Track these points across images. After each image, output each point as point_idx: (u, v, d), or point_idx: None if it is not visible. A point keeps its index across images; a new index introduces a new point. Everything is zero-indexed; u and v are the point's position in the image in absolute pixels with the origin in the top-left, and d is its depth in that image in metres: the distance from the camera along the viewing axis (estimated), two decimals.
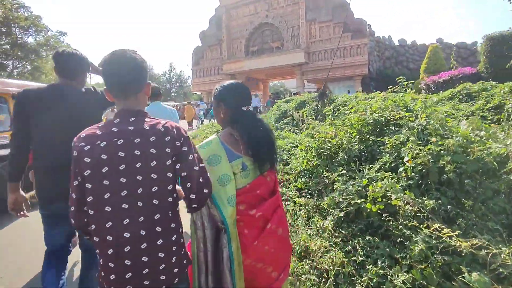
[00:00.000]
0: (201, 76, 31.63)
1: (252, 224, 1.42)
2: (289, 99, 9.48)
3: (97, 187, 1.05)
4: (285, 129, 7.34)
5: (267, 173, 1.53)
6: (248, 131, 1.44)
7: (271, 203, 1.50)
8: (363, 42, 23.23)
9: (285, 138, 4.79)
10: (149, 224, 1.09)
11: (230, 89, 1.57)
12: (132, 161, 1.07)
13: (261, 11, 27.85)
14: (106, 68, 1.13)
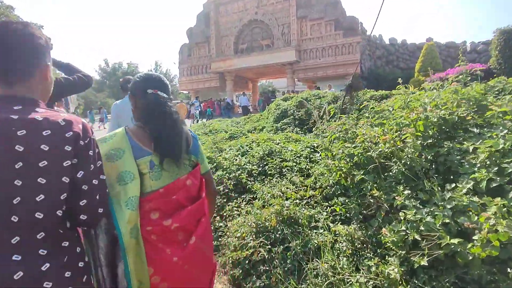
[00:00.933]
0: (188, 74, 30.55)
1: (168, 237, 1.17)
2: (287, 97, 8.73)
3: None
4: (286, 129, 6.59)
5: (187, 175, 1.27)
6: (149, 113, 1.21)
7: (192, 212, 1.24)
8: (355, 40, 22.80)
9: (297, 141, 4.02)
10: (28, 246, 0.82)
11: (138, 77, 1.34)
12: (9, 160, 0.79)
13: (250, 8, 27.05)
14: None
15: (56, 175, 0.84)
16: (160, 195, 1.17)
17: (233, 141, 4.98)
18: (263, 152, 3.42)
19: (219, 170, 3.43)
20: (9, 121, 0.80)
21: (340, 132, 2.51)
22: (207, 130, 7.61)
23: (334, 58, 23.60)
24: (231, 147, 4.04)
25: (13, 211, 0.80)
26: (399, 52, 28.96)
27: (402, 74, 26.78)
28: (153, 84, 1.27)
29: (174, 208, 1.20)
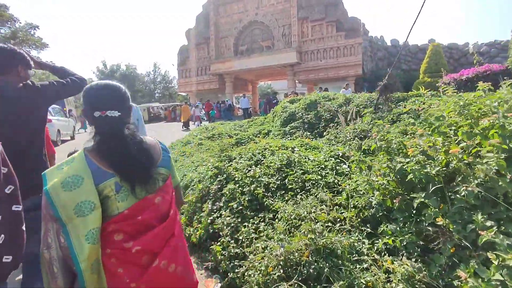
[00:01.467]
0: (187, 76, 30.16)
1: (128, 260, 1.04)
2: (294, 99, 8.31)
3: None
4: (295, 133, 6.17)
5: (157, 193, 1.13)
6: (102, 147, 1.07)
7: (158, 233, 1.11)
8: (357, 41, 22.47)
9: (314, 149, 3.59)
10: None
11: (86, 91, 1.17)
12: None
13: (250, 9, 26.71)
14: None
15: None
16: (123, 217, 1.05)
17: (241, 147, 4.55)
18: (280, 162, 2.99)
19: (230, 182, 3.00)
20: None
21: (382, 142, 2.08)
22: (210, 134, 7.19)
23: (336, 59, 23.27)
24: (241, 155, 3.62)
25: None
26: (401, 53, 28.68)
27: (405, 76, 26.55)
28: (101, 103, 1.11)
29: (139, 229, 1.08)
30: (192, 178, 3.61)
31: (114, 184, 1.05)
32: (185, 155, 5.57)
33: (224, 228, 2.49)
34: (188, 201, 3.17)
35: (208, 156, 4.60)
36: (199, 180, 3.32)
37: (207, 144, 5.81)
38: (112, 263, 1.03)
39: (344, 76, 23.35)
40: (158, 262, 1.08)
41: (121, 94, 1.17)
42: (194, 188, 3.27)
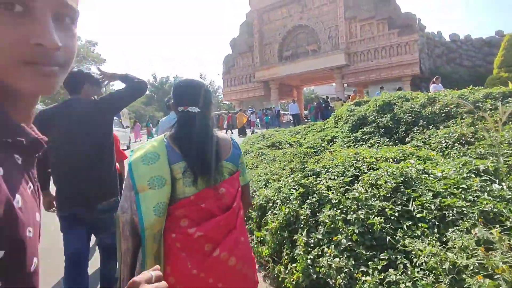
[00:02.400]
0: (232, 85, 30.34)
1: (191, 246, 1.09)
2: (361, 100, 7.43)
3: None
4: (369, 140, 5.33)
5: (221, 183, 1.19)
6: (180, 135, 1.20)
7: (219, 222, 1.13)
8: (412, 38, 20.70)
9: (425, 160, 2.77)
10: None
11: (174, 87, 1.32)
12: None
13: (294, 14, 26.17)
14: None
15: None
16: (189, 202, 1.12)
17: (315, 157, 3.86)
18: (393, 179, 2.25)
19: (326, 206, 2.32)
20: None
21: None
22: (269, 142, 6.59)
23: (389, 59, 21.67)
24: (326, 169, 2.93)
25: None
26: (462, 49, 25.99)
27: (468, 73, 23.91)
28: (185, 99, 1.23)
29: (203, 216, 1.13)
30: (268, 197, 3.00)
31: (183, 167, 1.13)
32: (248, 166, 5.02)
33: (333, 274, 1.81)
34: (270, 228, 2.55)
35: (277, 169, 3.98)
36: (282, 202, 2.69)
37: (270, 154, 5.21)
38: (177, 248, 1.08)
39: (399, 76, 21.64)
40: (218, 253, 1.10)
41: (202, 92, 1.24)
42: (277, 211, 2.64)
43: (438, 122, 5.03)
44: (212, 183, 1.14)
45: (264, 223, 2.83)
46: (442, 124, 4.94)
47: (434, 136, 4.56)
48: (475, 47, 25.62)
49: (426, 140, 4.65)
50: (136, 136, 19.01)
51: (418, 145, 4.57)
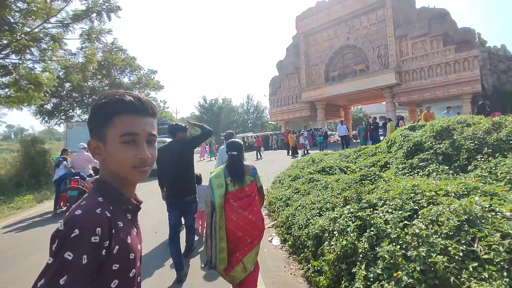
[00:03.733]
0: (278, 105, 30.87)
1: (234, 210, 2.51)
2: (415, 125, 7.19)
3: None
4: (427, 168, 5.13)
5: (247, 186, 2.63)
6: (228, 165, 2.67)
7: (246, 200, 2.58)
8: (471, 54, 19.42)
9: (491, 196, 2.66)
10: None
11: (228, 143, 2.86)
12: None
13: (341, 34, 26.21)
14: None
15: None
16: (233, 193, 2.55)
17: (369, 186, 3.86)
18: (456, 217, 2.23)
19: (384, 241, 2.35)
20: None
21: None
22: (319, 167, 6.63)
23: (445, 77, 20.46)
24: (383, 201, 2.95)
25: None
26: None
27: None
28: (233, 148, 2.71)
29: (239, 198, 2.56)
30: (323, 227, 3.09)
31: (230, 179, 2.58)
32: (300, 192, 5.13)
33: None
34: (327, 259, 2.63)
35: (330, 197, 4.04)
36: (339, 233, 2.77)
37: (321, 180, 5.27)
38: (228, 211, 2.49)
39: (457, 95, 20.28)
40: (244, 212, 2.52)
41: (240, 144, 2.75)
42: (333, 242, 2.72)
43: (505, 150, 4.71)
44: (242, 185, 2.57)
45: (320, 253, 2.91)
46: (510, 153, 4.62)
47: (502, 165, 4.28)
48: None
49: (492, 169, 4.37)
50: (201, 155, 21.88)
51: (483, 174, 4.32)
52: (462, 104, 20.56)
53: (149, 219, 6.14)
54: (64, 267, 0.63)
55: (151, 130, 0.87)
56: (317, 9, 27.31)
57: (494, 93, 21.84)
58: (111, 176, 0.86)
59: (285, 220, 4.23)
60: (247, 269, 2.47)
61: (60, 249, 0.65)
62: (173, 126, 3.81)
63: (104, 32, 12.58)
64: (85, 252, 0.66)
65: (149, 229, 5.52)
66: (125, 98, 0.82)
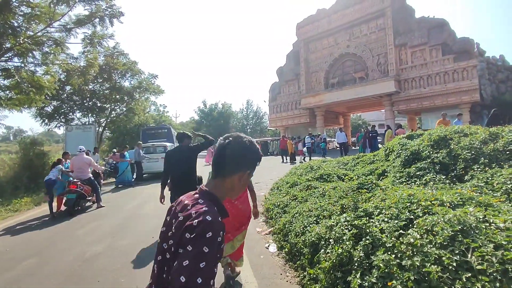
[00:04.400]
0: (278, 111, 31.00)
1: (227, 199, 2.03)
2: (413, 134, 7.24)
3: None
4: (424, 177, 5.17)
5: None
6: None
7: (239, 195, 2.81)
8: (470, 64, 19.63)
9: (486, 207, 2.70)
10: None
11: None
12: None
13: (341, 42, 26.46)
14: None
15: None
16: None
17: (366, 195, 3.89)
18: (450, 227, 2.26)
19: (379, 250, 2.38)
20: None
21: None
22: (317, 174, 6.66)
23: (443, 85, 20.64)
24: (379, 210, 2.98)
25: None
26: None
27: None
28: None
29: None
30: (320, 235, 3.11)
31: None
32: (297, 199, 5.15)
33: None
34: (323, 267, 2.65)
35: (327, 205, 4.07)
36: (335, 241, 2.79)
37: (319, 188, 5.30)
38: (225, 202, 1.69)
39: (455, 104, 20.42)
40: (236, 202, 3.15)
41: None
42: (329, 250, 2.74)
43: (501, 161, 4.74)
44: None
45: (316, 261, 2.93)
46: (506, 163, 4.65)
47: (498, 176, 4.31)
48: None
49: (488, 180, 4.41)
50: (207, 160, 22.14)
51: (479, 184, 4.36)
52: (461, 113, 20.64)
53: (148, 221, 6.18)
54: (203, 256, 0.90)
55: None
56: (318, 16, 27.59)
57: (492, 103, 21.95)
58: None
59: (282, 227, 4.25)
60: (234, 247, 3.23)
61: (199, 243, 0.92)
62: (181, 134, 4.58)
63: (106, 37, 12.67)
64: (215, 248, 0.94)
65: (149, 228, 5.62)
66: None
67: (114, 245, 4.95)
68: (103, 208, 7.80)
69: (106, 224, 6.27)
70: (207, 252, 0.91)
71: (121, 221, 6.52)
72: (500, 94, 23.21)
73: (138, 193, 10.21)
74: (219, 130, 39.01)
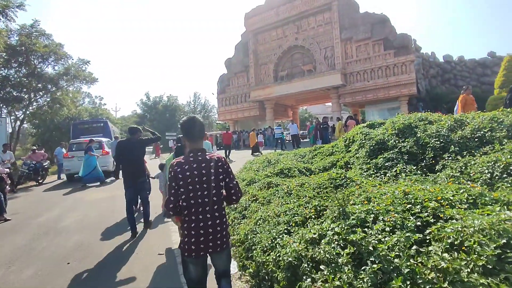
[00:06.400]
0: (227, 104, 29.96)
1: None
2: (374, 122, 6.87)
3: (185, 190, 1.99)
4: (393, 168, 4.72)
5: None
6: (176, 153, 4.04)
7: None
8: (408, 59, 20.75)
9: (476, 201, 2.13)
10: (214, 211, 2.03)
11: (177, 140, 4.68)
12: (202, 176, 2.01)
13: (290, 34, 26.28)
14: (186, 126, 2.19)
15: (218, 183, 2.06)
16: None
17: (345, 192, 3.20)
18: (492, 241, 1.61)
19: (394, 279, 1.64)
20: (199, 160, 2.04)
21: None
22: (277, 169, 5.90)
23: (385, 79, 21.59)
24: (375, 216, 2.27)
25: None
26: (456, 69, 26.25)
27: None
28: (179, 142, 4.30)
29: None
30: (299, 253, 2.29)
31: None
32: (258, 201, 4.31)
33: None
34: None
35: (297, 206, 3.30)
36: (325, 264, 1.99)
37: (282, 185, 4.52)
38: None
39: (396, 96, 21.52)
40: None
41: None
42: (318, 277, 1.93)
43: (472, 148, 4.46)
44: None
45: None
46: (477, 151, 4.38)
47: (473, 165, 3.97)
48: (469, 68, 25.90)
49: (462, 169, 4.05)
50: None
51: (454, 175, 3.97)
52: (400, 105, 21.89)
53: (67, 239, 4.82)
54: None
55: None
56: (266, 7, 27.02)
57: (426, 96, 23.70)
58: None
59: (244, 238, 3.35)
60: None
61: (229, 166, 2.15)
62: (134, 127, 5.30)
63: (13, 6, 10.25)
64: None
65: (66, 250, 4.23)
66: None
67: (7, 280, 3.54)
68: (9, 222, 6.11)
69: (6, 246, 4.73)
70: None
71: (28, 240, 5.02)
72: (432, 88, 25.21)
73: (62, 199, 8.46)
74: (165, 124, 36.55)
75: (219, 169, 2.02)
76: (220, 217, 2.00)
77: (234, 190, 2.07)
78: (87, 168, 10.66)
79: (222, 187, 2.06)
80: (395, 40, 21.31)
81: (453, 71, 26.13)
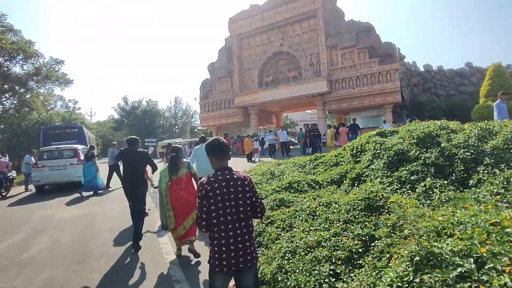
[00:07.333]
0: (210, 110, 29.09)
1: (174, 190, 4.24)
2: (385, 131, 6.37)
3: (216, 208, 2.07)
4: (420, 182, 4.19)
5: (182, 175, 4.36)
6: (169, 163, 4.51)
7: (183, 184, 4.32)
8: (393, 67, 20.89)
9: None
10: (243, 227, 2.11)
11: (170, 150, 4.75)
12: (230, 194, 2.10)
13: (275, 40, 25.96)
14: (215, 145, 2.30)
15: (246, 200, 2.15)
16: (174, 181, 4.31)
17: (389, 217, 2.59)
18: None
19: None
20: (227, 178, 2.14)
21: None
22: (285, 183, 5.23)
23: (370, 87, 21.63)
24: (470, 258, 1.67)
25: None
26: (436, 79, 26.93)
27: (445, 102, 24.58)
28: (172, 151, 4.52)
29: (178, 183, 4.31)
30: None
31: (171, 172, 4.35)
32: (275, 224, 3.61)
33: None
34: None
35: (333, 236, 2.65)
36: None
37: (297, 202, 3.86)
38: (173, 193, 4.28)
39: (381, 104, 21.58)
40: (182, 192, 4.33)
41: (176, 149, 4.60)
42: None
43: (508, 161, 4.02)
44: (179, 175, 4.35)
45: None
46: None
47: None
48: (448, 77, 26.63)
49: (505, 184, 3.58)
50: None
51: (498, 191, 3.49)
52: (385, 112, 21.99)
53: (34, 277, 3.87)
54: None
55: None
56: (251, 12, 26.62)
57: (409, 104, 24.02)
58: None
59: (270, 278, 2.64)
60: (186, 228, 4.28)
61: (254, 184, 2.29)
62: (133, 138, 5.33)
63: None
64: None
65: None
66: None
67: None
68: None
69: None
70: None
71: None
72: (414, 97, 25.66)
73: (28, 217, 7.30)
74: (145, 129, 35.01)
75: (246, 187, 2.15)
76: (248, 233, 2.10)
77: (259, 208, 2.21)
78: (87, 176, 10.14)
79: (249, 205, 2.15)
80: (380, 49, 21.45)
81: (433, 80, 26.76)
